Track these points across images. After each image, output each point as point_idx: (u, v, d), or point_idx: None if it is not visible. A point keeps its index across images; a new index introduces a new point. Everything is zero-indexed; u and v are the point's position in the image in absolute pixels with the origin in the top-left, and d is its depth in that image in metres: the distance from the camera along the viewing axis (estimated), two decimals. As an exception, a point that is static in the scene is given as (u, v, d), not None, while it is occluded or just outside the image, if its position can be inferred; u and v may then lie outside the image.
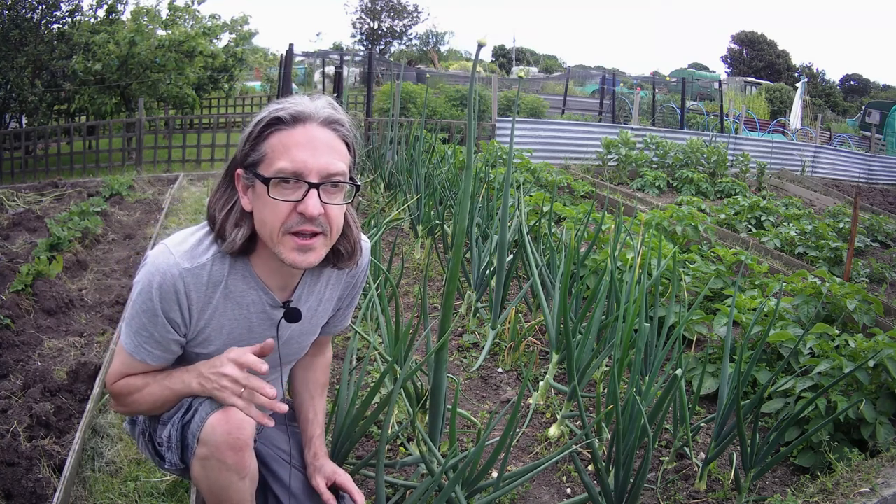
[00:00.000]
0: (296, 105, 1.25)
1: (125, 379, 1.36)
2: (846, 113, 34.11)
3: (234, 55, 11.37)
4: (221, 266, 1.31)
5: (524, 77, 18.37)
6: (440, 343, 1.63)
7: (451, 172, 4.89)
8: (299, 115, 1.23)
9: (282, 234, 1.24)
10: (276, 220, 1.23)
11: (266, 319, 1.40)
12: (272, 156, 1.23)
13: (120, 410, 1.42)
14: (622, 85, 16.87)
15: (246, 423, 1.29)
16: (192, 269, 1.28)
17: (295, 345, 1.51)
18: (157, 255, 1.29)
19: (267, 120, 1.24)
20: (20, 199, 5.71)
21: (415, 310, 3.34)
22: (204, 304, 1.32)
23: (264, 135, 1.24)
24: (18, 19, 8.25)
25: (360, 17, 33.07)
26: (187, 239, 1.32)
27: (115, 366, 1.37)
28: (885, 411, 2.37)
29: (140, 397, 1.36)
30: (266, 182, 1.22)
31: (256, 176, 1.24)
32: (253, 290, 1.36)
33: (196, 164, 8.38)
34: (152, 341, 1.32)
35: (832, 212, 8.06)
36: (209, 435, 1.27)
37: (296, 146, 1.22)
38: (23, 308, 3.16)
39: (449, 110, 10.44)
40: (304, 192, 1.22)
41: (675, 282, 2.80)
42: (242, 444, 1.29)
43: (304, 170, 1.22)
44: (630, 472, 1.83)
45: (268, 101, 10.33)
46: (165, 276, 1.26)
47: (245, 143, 1.27)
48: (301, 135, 1.23)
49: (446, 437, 2.01)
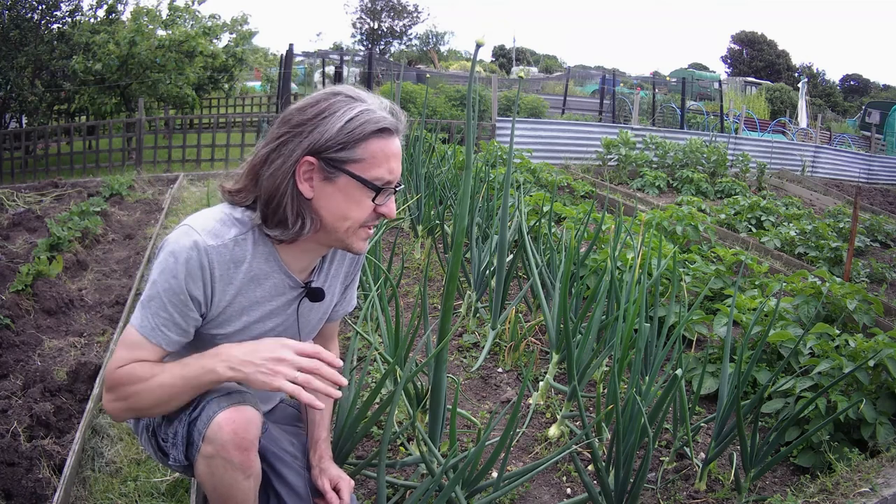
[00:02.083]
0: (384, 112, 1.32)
1: (129, 366, 1.29)
2: (846, 113, 34.12)
3: (234, 55, 11.37)
4: (244, 246, 1.33)
5: (524, 77, 18.36)
6: (441, 343, 1.63)
7: (451, 172, 4.89)
8: (397, 129, 1.33)
9: (358, 227, 1.35)
10: (361, 217, 1.34)
11: (285, 301, 1.42)
12: (372, 161, 1.30)
13: (114, 407, 1.31)
14: (622, 85, 16.86)
15: (252, 423, 1.30)
16: (216, 246, 1.29)
17: (310, 327, 1.54)
18: (179, 235, 1.29)
19: (373, 127, 1.29)
20: (20, 199, 5.72)
21: (415, 310, 3.34)
22: (226, 282, 1.33)
23: (366, 137, 1.29)
24: (18, 19, 8.25)
25: (360, 17, 33.10)
26: (208, 219, 1.33)
27: (119, 355, 1.30)
28: (885, 411, 2.37)
29: (143, 388, 1.28)
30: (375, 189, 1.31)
31: (349, 174, 1.29)
32: (275, 272, 1.38)
33: (196, 164, 8.38)
34: (171, 324, 1.30)
35: (832, 212, 8.06)
36: (215, 433, 1.27)
37: (394, 158, 1.33)
38: (23, 308, 3.16)
39: (449, 110, 10.44)
40: (386, 196, 1.35)
41: (675, 282, 2.80)
42: (249, 443, 1.29)
43: (396, 179, 1.35)
44: (630, 472, 1.83)
45: (268, 101, 10.21)
46: (190, 251, 1.27)
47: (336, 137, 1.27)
48: (394, 147, 1.33)
49: (446, 437, 2.01)
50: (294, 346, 1.29)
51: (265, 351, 1.27)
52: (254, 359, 1.27)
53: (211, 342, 1.36)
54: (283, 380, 1.25)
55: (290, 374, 1.26)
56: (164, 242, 1.31)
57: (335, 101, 1.30)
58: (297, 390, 1.25)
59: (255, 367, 1.26)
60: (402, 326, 2.18)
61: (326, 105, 1.29)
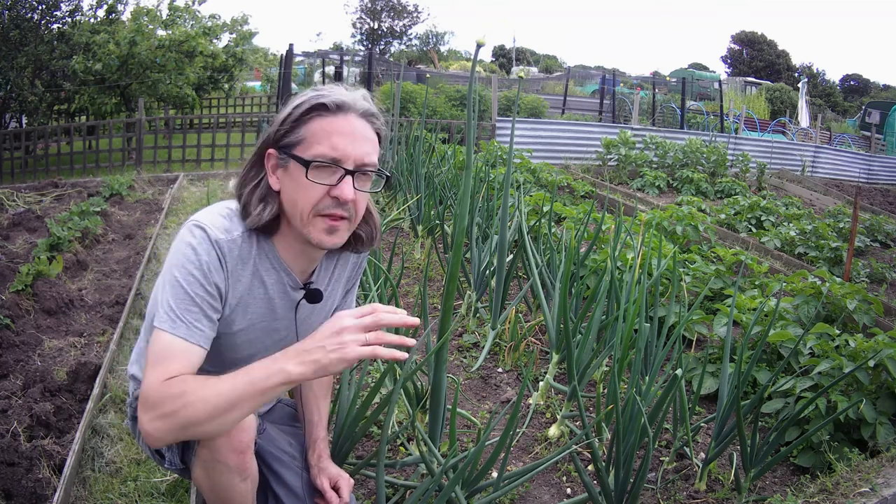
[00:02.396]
0: (337, 94, 1.29)
1: (176, 378, 1.18)
2: (846, 113, 34.11)
3: (234, 55, 11.37)
4: (249, 244, 1.33)
5: (524, 77, 18.36)
6: (440, 343, 1.63)
7: (451, 172, 4.89)
8: (342, 105, 1.28)
9: (312, 215, 1.28)
10: (309, 201, 1.27)
11: (287, 300, 1.41)
12: (312, 140, 1.27)
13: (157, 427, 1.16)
14: (622, 85, 16.86)
15: (248, 426, 1.29)
16: (227, 240, 1.29)
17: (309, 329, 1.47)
18: (192, 230, 1.28)
19: (310, 105, 1.27)
20: (20, 199, 5.72)
21: (415, 310, 3.34)
22: (235, 279, 1.32)
23: (305, 118, 1.28)
24: (18, 19, 8.25)
25: (360, 17, 33.09)
26: (215, 215, 1.32)
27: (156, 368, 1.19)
28: (885, 411, 2.37)
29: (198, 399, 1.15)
30: (306, 164, 1.26)
31: (293, 157, 1.27)
32: (276, 271, 1.37)
33: (196, 164, 8.38)
34: (203, 317, 1.25)
35: (832, 212, 8.06)
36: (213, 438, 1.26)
37: (337, 133, 1.27)
38: (23, 308, 3.16)
39: (449, 110, 10.44)
40: (339, 177, 1.27)
41: (675, 282, 2.80)
42: (245, 446, 1.29)
43: (343, 157, 1.27)
44: (630, 472, 1.83)
45: (268, 101, 10.25)
46: (206, 241, 1.26)
47: (282, 124, 1.29)
48: (342, 123, 1.28)
49: (446, 437, 2.01)
50: (350, 312, 1.24)
51: (325, 332, 1.22)
52: (317, 344, 1.21)
53: (215, 345, 1.33)
54: (356, 346, 1.19)
55: (359, 339, 1.20)
56: (175, 240, 1.31)
57: (298, 95, 1.32)
58: (373, 350, 1.20)
59: (324, 350, 1.20)
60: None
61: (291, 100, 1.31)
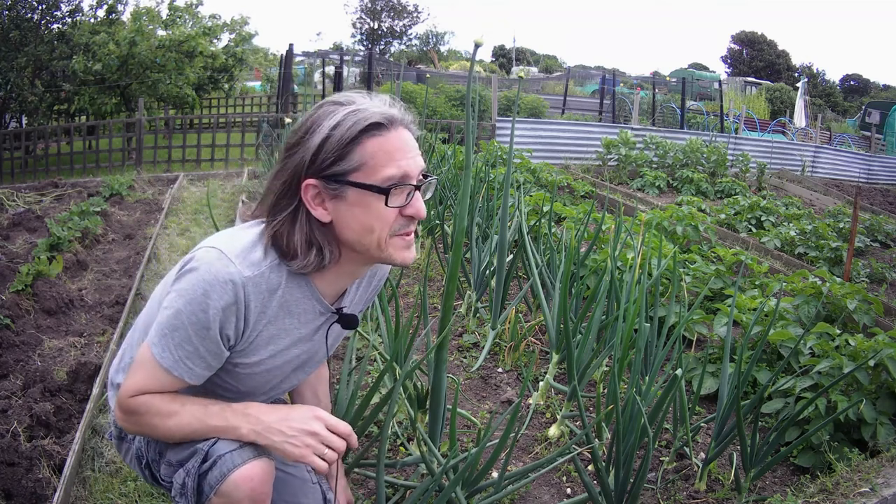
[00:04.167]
0: (378, 107, 1.20)
1: (146, 397, 1.22)
2: (846, 113, 34.11)
3: (234, 55, 11.38)
4: (279, 273, 1.24)
5: (524, 77, 18.35)
6: (439, 341, 1.63)
7: (451, 172, 4.89)
8: (392, 119, 1.20)
9: (390, 237, 1.22)
10: (386, 226, 1.21)
11: (314, 327, 1.34)
12: (374, 163, 1.18)
13: (126, 426, 1.28)
14: (622, 85, 16.85)
15: (269, 476, 1.24)
16: (252, 277, 1.19)
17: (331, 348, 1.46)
18: (211, 262, 1.18)
19: (361, 126, 1.17)
20: (20, 199, 5.72)
21: (415, 309, 3.34)
22: (260, 313, 1.23)
23: (358, 141, 1.17)
24: (18, 19, 8.27)
25: (360, 17, 33.10)
26: (244, 243, 1.22)
27: (139, 380, 1.22)
28: (885, 411, 2.37)
29: (160, 422, 1.22)
30: (384, 192, 1.18)
31: (355, 185, 1.18)
32: (307, 299, 1.29)
33: (196, 164, 8.38)
34: (196, 357, 1.20)
35: (832, 212, 8.06)
36: (231, 491, 1.21)
37: (397, 151, 1.19)
38: (23, 308, 3.16)
39: (449, 110, 10.45)
40: (407, 194, 1.21)
41: (675, 282, 2.80)
42: (265, 496, 1.24)
43: (410, 174, 1.20)
44: (630, 472, 1.83)
45: (268, 101, 10.23)
46: (226, 285, 1.16)
47: (323, 151, 1.18)
48: (396, 140, 1.20)
49: (446, 436, 2.01)
50: (326, 420, 1.24)
51: (297, 422, 1.22)
52: (284, 428, 1.22)
53: (231, 371, 1.29)
54: (312, 454, 1.21)
55: (319, 450, 1.21)
56: (191, 262, 1.20)
57: (320, 114, 1.20)
58: (325, 468, 1.22)
59: (284, 437, 1.21)
60: (402, 326, 2.17)
61: (312, 120, 1.20)
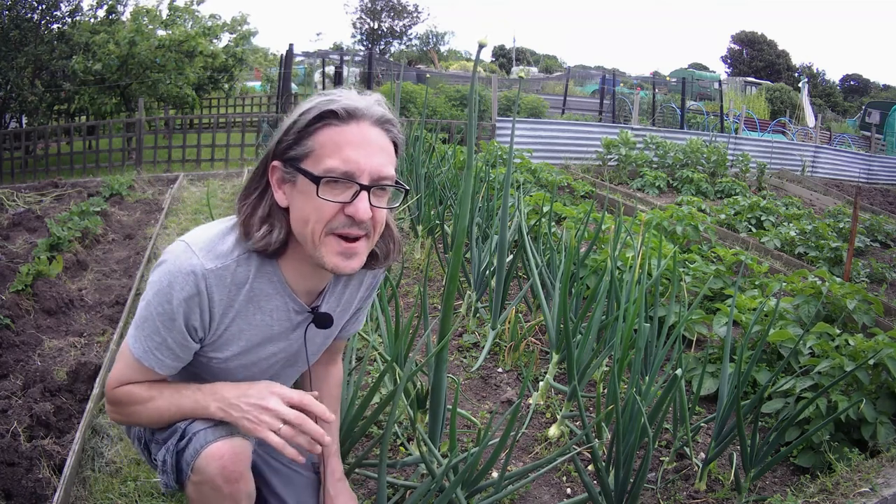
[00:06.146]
0: (348, 99, 1.17)
1: (127, 387, 1.27)
2: (846, 113, 34.13)
3: (234, 55, 11.37)
4: (247, 267, 1.23)
5: (524, 77, 18.37)
6: (441, 343, 1.63)
7: (452, 172, 4.89)
8: (354, 112, 1.15)
9: (325, 234, 1.17)
10: (321, 219, 1.16)
11: (289, 325, 1.33)
12: (321, 152, 1.15)
13: (115, 419, 1.34)
14: (622, 85, 16.86)
15: (241, 455, 1.25)
16: (215, 269, 1.19)
17: (314, 349, 1.44)
18: (177, 254, 1.19)
19: (318, 112, 1.15)
20: (20, 199, 5.71)
21: (415, 310, 3.34)
22: (226, 306, 1.23)
23: (313, 128, 1.15)
24: (18, 19, 8.26)
25: (360, 17, 33.13)
26: (210, 236, 1.23)
27: (118, 370, 1.28)
28: (885, 411, 2.37)
29: (141, 409, 1.28)
30: (315, 180, 1.14)
31: (301, 171, 1.16)
32: (279, 295, 1.28)
33: (196, 164, 8.38)
34: (164, 348, 1.23)
35: (832, 212, 8.06)
36: (203, 467, 1.22)
37: (348, 145, 1.15)
38: (23, 308, 3.16)
39: (449, 110, 10.45)
40: (353, 193, 1.15)
41: (675, 282, 2.80)
42: (237, 475, 1.25)
43: (357, 171, 1.15)
44: (630, 472, 1.83)
45: (268, 101, 10.24)
46: (188, 276, 1.17)
47: (287, 134, 1.17)
48: (354, 133, 1.15)
49: (446, 437, 2.01)
50: (282, 393, 1.23)
51: (253, 397, 1.23)
52: (241, 403, 1.23)
53: (207, 366, 1.31)
54: (267, 430, 1.21)
55: (273, 425, 1.21)
56: (162, 255, 1.23)
57: (303, 102, 1.20)
58: (281, 444, 1.21)
59: (241, 412, 1.22)
60: (402, 326, 2.17)
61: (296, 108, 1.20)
